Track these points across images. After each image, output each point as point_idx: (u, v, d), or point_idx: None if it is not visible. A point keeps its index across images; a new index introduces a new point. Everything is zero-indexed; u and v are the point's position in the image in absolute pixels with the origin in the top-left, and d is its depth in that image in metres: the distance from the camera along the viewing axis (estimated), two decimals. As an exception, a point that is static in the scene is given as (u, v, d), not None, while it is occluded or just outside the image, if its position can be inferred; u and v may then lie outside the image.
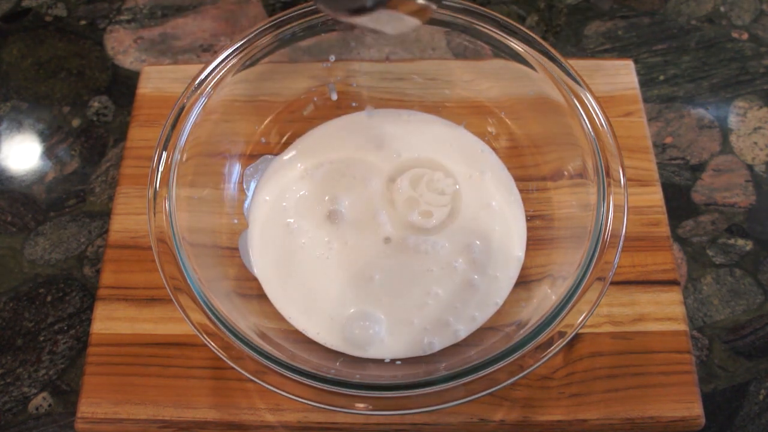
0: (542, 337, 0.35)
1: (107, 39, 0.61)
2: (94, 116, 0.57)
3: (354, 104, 0.50)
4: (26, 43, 0.61)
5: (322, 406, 0.34)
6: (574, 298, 0.36)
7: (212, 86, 0.42)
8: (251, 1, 0.62)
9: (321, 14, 0.44)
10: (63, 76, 0.59)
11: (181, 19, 0.62)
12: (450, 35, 0.46)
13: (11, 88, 0.58)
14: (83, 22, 0.62)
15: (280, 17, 0.44)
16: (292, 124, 0.49)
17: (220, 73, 0.43)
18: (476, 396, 0.34)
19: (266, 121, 0.48)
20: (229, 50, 0.43)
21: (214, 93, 0.42)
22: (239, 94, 0.45)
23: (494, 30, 0.44)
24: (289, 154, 0.48)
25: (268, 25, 0.43)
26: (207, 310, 0.36)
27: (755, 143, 0.55)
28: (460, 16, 0.44)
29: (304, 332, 0.42)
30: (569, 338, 0.35)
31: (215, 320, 0.36)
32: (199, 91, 0.42)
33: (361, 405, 0.34)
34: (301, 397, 0.34)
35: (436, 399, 0.34)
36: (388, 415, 0.34)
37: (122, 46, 0.60)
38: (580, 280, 0.36)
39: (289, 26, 0.44)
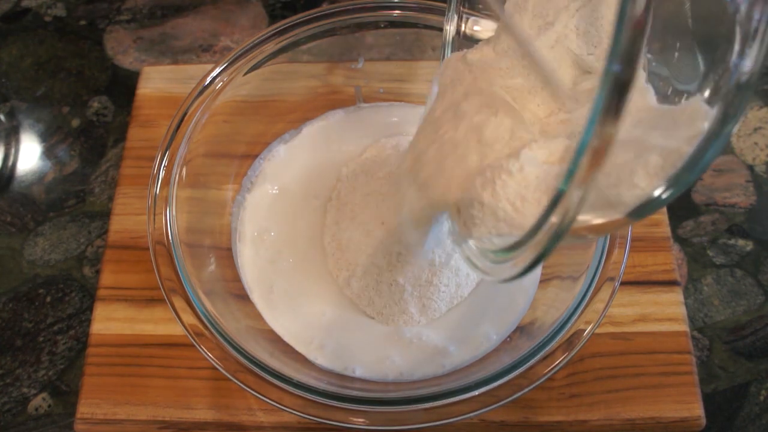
0: (558, 340, 0.35)
1: (107, 39, 0.61)
2: (94, 116, 0.57)
3: (359, 103, 0.50)
4: (26, 43, 0.60)
5: (314, 418, 0.34)
6: (588, 298, 0.36)
7: (216, 89, 0.42)
8: (251, 1, 0.62)
9: (323, 21, 0.44)
10: (62, 76, 0.59)
11: (180, 19, 0.62)
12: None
13: (11, 88, 0.58)
14: (83, 22, 0.62)
15: (283, 24, 0.44)
16: (296, 124, 0.49)
17: (225, 76, 0.43)
18: (479, 412, 0.34)
19: (270, 123, 0.48)
20: (234, 54, 0.43)
21: (218, 95, 0.42)
22: (243, 96, 0.45)
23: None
24: (290, 155, 0.48)
25: (272, 32, 0.44)
26: (200, 312, 0.36)
27: (755, 143, 0.55)
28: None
29: (294, 348, 0.42)
30: (588, 336, 0.35)
31: (206, 323, 0.36)
32: (203, 95, 0.42)
33: (359, 419, 0.34)
34: (289, 407, 0.34)
35: (435, 416, 0.34)
36: (386, 430, 0.34)
37: (122, 46, 0.60)
38: (591, 280, 0.36)
39: (293, 33, 0.44)
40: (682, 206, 0.52)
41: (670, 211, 0.48)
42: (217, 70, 0.42)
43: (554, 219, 0.22)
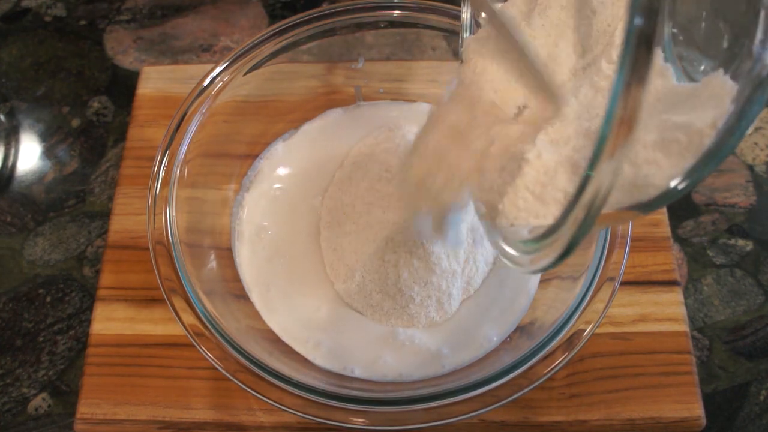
0: (558, 340, 0.35)
1: (107, 39, 0.61)
2: (94, 116, 0.57)
3: (359, 103, 0.50)
4: (26, 43, 0.60)
5: (314, 418, 0.34)
6: (588, 298, 0.36)
7: (216, 89, 0.42)
8: (251, 1, 0.62)
9: (323, 21, 0.44)
10: (62, 77, 0.59)
11: (180, 19, 0.62)
12: (449, 38, 0.46)
13: (11, 88, 0.58)
14: (83, 22, 0.62)
15: (283, 24, 0.44)
16: (296, 124, 0.49)
17: (225, 76, 0.43)
18: (479, 412, 0.34)
19: (270, 123, 0.48)
20: (234, 54, 0.43)
21: (218, 95, 0.42)
22: (243, 96, 0.45)
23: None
24: (289, 154, 0.48)
25: (272, 32, 0.44)
26: (200, 313, 0.36)
27: (756, 143, 0.55)
28: (457, 23, 0.44)
29: (293, 348, 0.42)
30: (589, 335, 0.35)
31: (206, 323, 0.36)
32: (203, 95, 0.42)
33: (359, 419, 0.34)
34: (289, 407, 0.34)
35: (435, 416, 0.34)
36: (386, 430, 0.34)
37: (122, 46, 0.60)
38: (591, 280, 0.36)
39: (293, 33, 0.44)
40: (682, 206, 0.52)
41: (670, 211, 0.48)
42: (217, 70, 0.43)
43: (585, 199, 0.20)
